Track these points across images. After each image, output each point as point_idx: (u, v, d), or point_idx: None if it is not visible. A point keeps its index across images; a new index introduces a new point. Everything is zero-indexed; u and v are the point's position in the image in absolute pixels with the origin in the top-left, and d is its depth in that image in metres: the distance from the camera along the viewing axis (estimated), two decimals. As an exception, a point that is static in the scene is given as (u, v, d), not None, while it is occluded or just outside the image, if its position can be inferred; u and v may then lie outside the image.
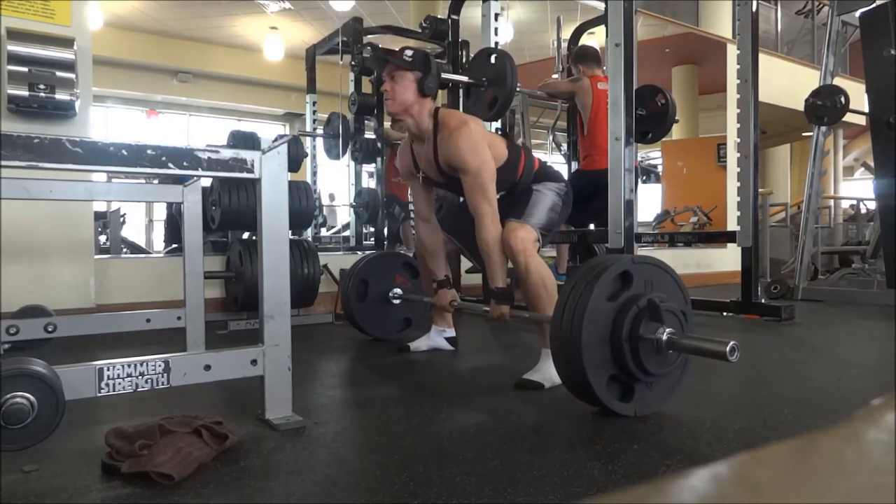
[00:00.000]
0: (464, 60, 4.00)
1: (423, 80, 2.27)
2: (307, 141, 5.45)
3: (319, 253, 3.52)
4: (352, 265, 3.07)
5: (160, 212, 7.43)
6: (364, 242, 5.04)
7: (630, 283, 1.68)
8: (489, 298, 2.33)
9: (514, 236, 2.19)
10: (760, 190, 3.98)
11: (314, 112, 5.39)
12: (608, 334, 1.63)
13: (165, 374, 1.46)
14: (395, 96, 2.27)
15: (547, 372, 2.07)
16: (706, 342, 1.61)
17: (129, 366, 1.41)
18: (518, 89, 3.44)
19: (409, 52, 2.28)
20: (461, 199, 2.68)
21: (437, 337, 2.73)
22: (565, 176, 3.67)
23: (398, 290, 3.02)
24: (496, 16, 3.66)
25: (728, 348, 1.52)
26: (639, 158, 5.56)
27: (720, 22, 8.26)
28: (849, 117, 5.19)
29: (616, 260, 1.74)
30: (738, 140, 3.73)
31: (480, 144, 2.24)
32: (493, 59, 3.31)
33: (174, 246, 5.33)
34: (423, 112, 2.31)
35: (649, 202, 9.82)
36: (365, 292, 2.99)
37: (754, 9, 3.72)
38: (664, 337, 1.61)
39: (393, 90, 2.27)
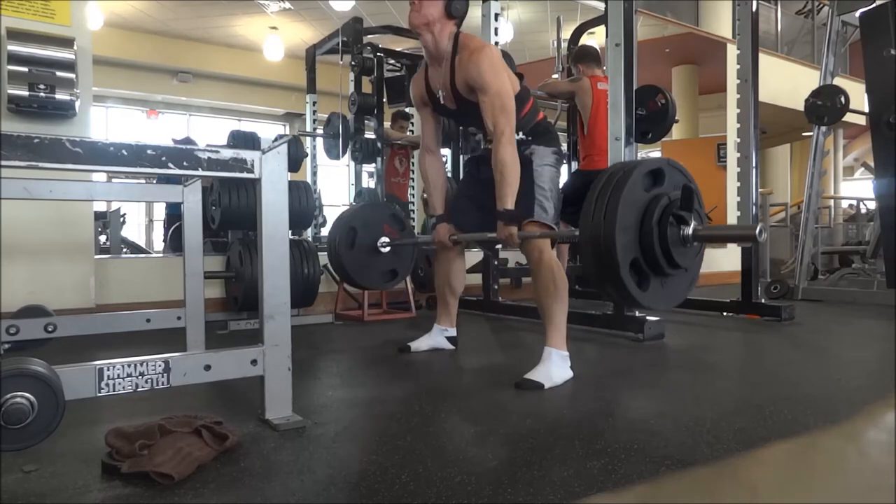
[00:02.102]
0: (464, 60, 4.00)
1: (450, 1, 2.30)
2: (307, 141, 5.44)
3: (319, 253, 3.52)
4: (339, 214, 3.04)
5: (160, 212, 7.44)
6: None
7: (662, 181, 1.73)
8: (495, 222, 2.27)
9: (532, 240, 2.24)
10: (760, 190, 3.98)
11: (314, 112, 5.39)
12: (639, 219, 1.67)
13: (165, 374, 1.46)
14: (420, 8, 2.30)
15: (548, 372, 2.08)
16: (733, 229, 1.63)
17: (129, 366, 1.41)
18: (518, 89, 3.43)
19: None
20: (461, 194, 2.68)
21: (439, 336, 2.73)
22: (565, 177, 3.67)
23: (386, 239, 2.95)
24: (496, 16, 3.66)
25: (757, 230, 1.56)
26: (639, 159, 5.54)
27: (720, 22, 8.26)
28: (849, 117, 5.19)
29: (651, 159, 1.75)
30: (738, 140, 3.73)
31: (501, 66, 2.28)
32: (493, 59, 3.30)
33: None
34: (444, 32, 2.33)
35: (649, 202, 9.81)
36: (353, 240, 2.91)
37: (754, 9, 3.72)
38: (690, 228, 1.65)
39: (420, 2, 2.29)
